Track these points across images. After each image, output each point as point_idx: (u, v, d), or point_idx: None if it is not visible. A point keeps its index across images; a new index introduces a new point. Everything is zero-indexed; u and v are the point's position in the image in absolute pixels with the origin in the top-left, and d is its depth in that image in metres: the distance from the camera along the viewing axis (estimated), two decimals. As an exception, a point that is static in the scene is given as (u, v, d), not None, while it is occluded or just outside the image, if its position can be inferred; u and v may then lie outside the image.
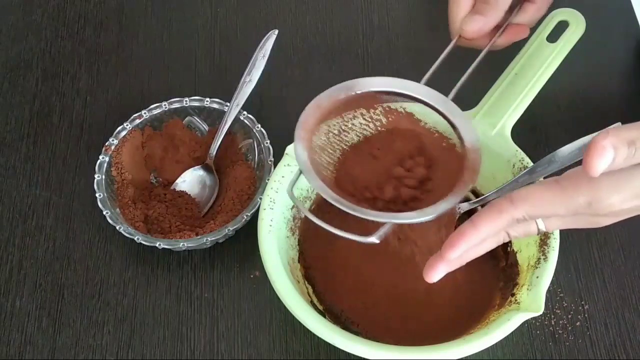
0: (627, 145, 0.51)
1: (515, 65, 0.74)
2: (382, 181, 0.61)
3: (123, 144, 0.78)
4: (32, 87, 0.88)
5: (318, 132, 0.63)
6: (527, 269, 0.67)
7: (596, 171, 0.51)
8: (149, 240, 0.72)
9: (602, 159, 0.51)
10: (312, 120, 0.62)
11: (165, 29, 0.92)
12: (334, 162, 0.63)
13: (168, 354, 0.71)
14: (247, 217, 0.73)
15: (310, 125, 0.62)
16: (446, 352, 0.61)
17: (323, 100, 0.63)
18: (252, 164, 0.79)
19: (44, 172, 0.82)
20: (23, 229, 0.78)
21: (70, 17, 0.93)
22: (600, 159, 0.51)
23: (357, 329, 0.69)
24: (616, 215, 0.57)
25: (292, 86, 0.87)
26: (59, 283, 0.75)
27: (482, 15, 0.66)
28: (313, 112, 0.62)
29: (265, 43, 0.81)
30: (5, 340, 0.72)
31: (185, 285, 0.74)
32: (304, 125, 0.62)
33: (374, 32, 0.91)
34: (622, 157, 0.51)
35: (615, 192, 0.54)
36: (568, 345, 0.70)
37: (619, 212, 0.56)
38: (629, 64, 0.88)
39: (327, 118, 0.63)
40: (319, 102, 0.63)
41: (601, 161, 0.51)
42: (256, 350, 0.71)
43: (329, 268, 0.72)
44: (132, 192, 0.77)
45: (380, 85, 0.64)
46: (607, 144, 0.51)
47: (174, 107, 0.80)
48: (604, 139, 0.51)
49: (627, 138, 0.51)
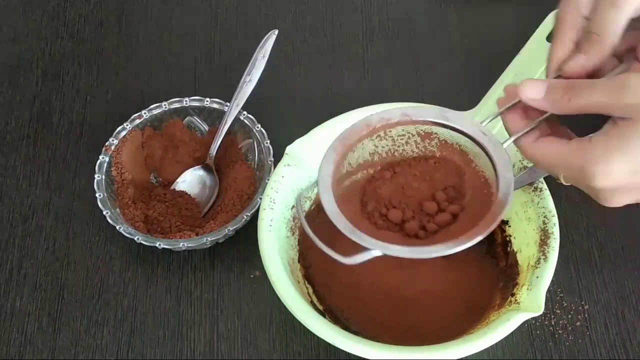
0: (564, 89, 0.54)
1: (515, 65, 0.74)
2: (408, 211, 0.62)
3: (123, 144, 0.78)
4: (32, 87, 0.88)
5: (357, 149, 0.63)
6: (527, 269, 0.67)
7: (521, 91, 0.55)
8: (149, 240, 0.72)
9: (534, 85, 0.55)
10: (355, 137, 0.62)
11: (165, 29, 0.92)
12: (365, 176, 0.63)
13: (168, 354, 0.71)
14: (247, 217, 0.73)
15: (350, 141, 0.62)
16: (446, 352, 0.61)
17: (373, 121, 0.62)
18: (252, 164, 0.79)
19: (44, 172, 0.82)
20: (23, 229, 0.78)
21: (70, 17, 0.93)
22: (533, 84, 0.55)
23: (357, 329, 0.69)
24: (613, 192, 0.54)
25: (292, 86, 0.87)
26: (59, 283, 0.75)
27: (585, 54, 0.58)
28: (359, 130, 0.62)
29: (265, 43, 0.81)
30: (5, 340, 0.72)
31: (185, 285, 0.74)
32: (344, 140, 0.61)
33: (374, 32, 0.91)
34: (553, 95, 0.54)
35: (606, 157, 0.52)
36: (568, 345, 0.70)
37: (615, 189, 0.53)
38: (629, 64, 0.88)
39: (368, 136, 0.63)
40: (368, 122, 0.62)
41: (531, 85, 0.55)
42: (256, 350, 0.71)
43: (329, 268, 0.72)
44: (132, 192, 0.77)
45: (437, 117, 0.62)
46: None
47: (174, 107, 0.80)
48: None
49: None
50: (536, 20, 0.75)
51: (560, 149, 0.55)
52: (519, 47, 0.75)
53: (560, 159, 0.55)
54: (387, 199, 0.63)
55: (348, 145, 0.62)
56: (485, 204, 0.59)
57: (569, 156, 0.54)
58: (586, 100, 0.54)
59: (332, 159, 0.61)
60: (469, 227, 0.58)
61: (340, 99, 0.84)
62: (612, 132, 0.53)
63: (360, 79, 0.88)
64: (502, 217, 0.57)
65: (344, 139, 0.62)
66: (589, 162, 0.53)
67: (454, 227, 0.60)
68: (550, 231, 0.67)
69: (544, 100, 0.55)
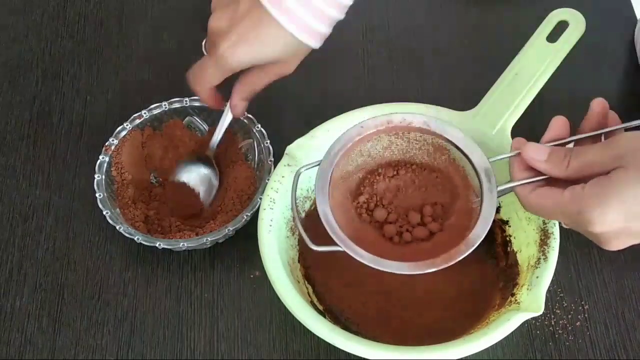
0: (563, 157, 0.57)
1: (515, 65, 0.74)
2: (393, 215, 0.66)
3: (123, 144, 0.78)
4: (32, 87, 0.88)
5: (372, 140, 0.67)
6: (527, 269, 0.67)
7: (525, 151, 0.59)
8: (149, 240, 0.72)
9: (536, 150, 0.59)
10: (373, 129, 0.66)
11: (165, 29, 0.92)
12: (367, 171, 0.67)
13: (168, 354, 0.71)
14: (247, 217, 0.73)
15: (367, 132, 0.66)
16: (446, 352, 0.61)
17: (369, 126, 0.66)
18: (252, 164, 0.79)
19: (44, 172, 0.82)
20: (23, 229, 0.78)
21: (70, 17, 0.93)
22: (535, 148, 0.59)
23: (357, 329, 0.69)
24: (610, 236, 0.56)
25: (292, 86, 0.87)
26: (59, 283, 0.75)
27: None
28: (356, 133, 0.66)
29: None
30: (5, 340, 0.72)
31: (185, 285, 0.74)
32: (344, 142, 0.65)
33: (374, 32, 0.91)
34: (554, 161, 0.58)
35: (601, 204, 0.54)
36: (568, 345, 0.70)
37: (612, 233, 0.55)
38: (629, 64, 0.88)
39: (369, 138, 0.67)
40: (364, 124, 0.66)
41: (533, 149, 0.59)
42: (256, 350, 0.71)
43: (329, 268, 0.72)
44: (132, 192, 0.77)
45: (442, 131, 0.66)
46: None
47: (174, 107, 0.80)
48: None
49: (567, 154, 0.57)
50: (536, 20, 0.75)
51: (556, 198, 0.57)
52: (519, 47, 0.75)
53: (557, 207, 0.57)
54: (380, 195, 0.65)
55: (365, 135, 0.66)
56: (462, 232, 0.62)
57: (566, 204, 0.56)
58: (582, 159, 0.57)
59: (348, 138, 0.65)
60: (439, 250, 0.62)
61: (340, 99, 0.84)
62: (605, 180, 0.55)
63: (360, 79, 0.88)
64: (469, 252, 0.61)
65: (344, 140, 0.66)
66: (585, 208, 0.55)
67: (425, 244, 0.64)
68: (550, 231, 0.67)
69: (546, 163, 0.59)
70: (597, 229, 0.55)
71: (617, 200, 0.54)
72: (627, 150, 0.54)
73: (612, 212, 0.54)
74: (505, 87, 0.73)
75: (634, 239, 0.56)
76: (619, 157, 0.55)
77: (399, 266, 0.61)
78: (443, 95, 0.79)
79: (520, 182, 0.60)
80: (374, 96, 0.80)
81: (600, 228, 0.55)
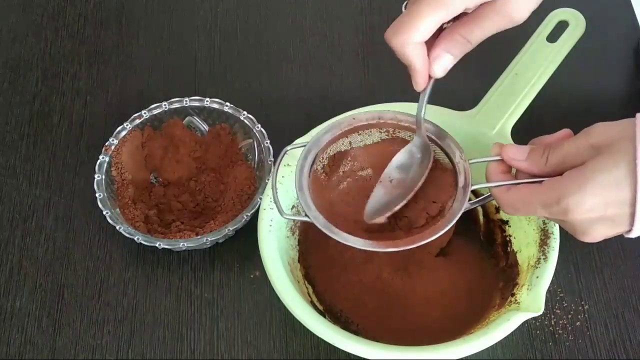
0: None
1: (515, 65, 0.74)
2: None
3: (123, 144, 0.78)
4: (32, 87, 0.88)
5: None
6: (527, 269, 0.67)
7: (506, 154, 0.59)
8: (149, 240, 0.72)
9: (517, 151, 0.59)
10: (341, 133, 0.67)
11: (165, 29, 0.92)
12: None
13: (168, 354, 0.71)
14: (247, 217, 0.73)
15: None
16: (446, 352, 0.61)
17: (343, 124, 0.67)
18: (252, 164, 0.79)
19: (44, 172, 0.82)
20: (23, 229, 0.78)
21: (70, 17, 0.93)
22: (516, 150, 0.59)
23: (357, 329, 0.69)
24: (588, 225, 0.56)
25: (292, 86, 0.87)
26: (59, 283, 0.75)
27: (454, 55, 0.60)
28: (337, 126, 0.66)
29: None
30: (5, 340, 0.72)
31: (185, 285, 0.74)
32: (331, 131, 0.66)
33: (374, 32, 0.91)
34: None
35: (579, 189, 0.54)
36: (568, 345, 0.70)
37: (590, 222, 0.55)
38: (629, 64, 0.88)
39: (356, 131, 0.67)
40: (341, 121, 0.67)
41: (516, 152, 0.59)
42: (256, 350, 0.71)
43: (329, 268, 0.72)
44: (132, 192, 0.77)
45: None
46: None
47: (174, 107, 0.80)
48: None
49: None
50: (536, 20, 0.75)
51: (534, 188, 0.57)
52: (519, 47, 0.75)
53: (535, 196, 0.57)
54: (361, 164, 0.67)
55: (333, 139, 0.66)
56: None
57: (544, 192, 0.56)
58: (559, 152, 0.57)
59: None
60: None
61: (340, 99, 0.84)
62: (581, 168, 0.55)
63: (360, 79, 0.88)
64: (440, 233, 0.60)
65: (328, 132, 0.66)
66: (563, 194, 0.55)
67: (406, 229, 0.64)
68: (550, 231, 0.67)
69: (526, 162, 0.59)
70: (576, 216, 0.55)
71: (593, 186, 0.54)
72: (602, 139, 0.55)
73: (590, 198, 0.54)
74: (505, 87, 0.73)
75: (610, 228, 0.56)
76: (594, 147, 0.55)
77: (388, 243, 0.61)
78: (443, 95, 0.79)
79: (496, 184, 0.60)
80: (373, 96, 0.80)
81: (579, 215, 0.55)
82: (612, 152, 0.54)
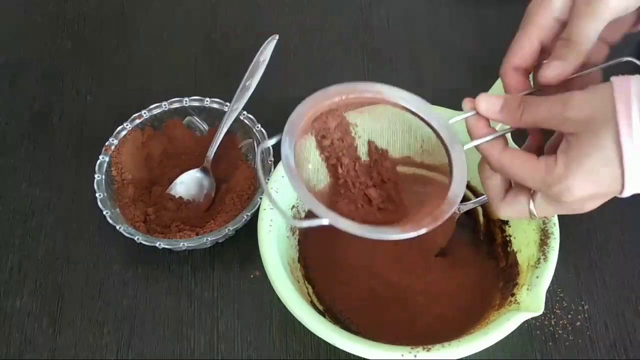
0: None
1: (515, 65, 0.74)
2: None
3: (123, 144, 0.78)
4: (32, 87, 0.88)
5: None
6: (527, 269, 0.67)
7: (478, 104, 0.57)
8: (149, 240, 0.72)
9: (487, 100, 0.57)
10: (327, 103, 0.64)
11: (165, 29, 0.92)
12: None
13: (168, 354, 0.71)
14: (247, 217, 0.73)
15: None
16: (446, 352, 0.61)
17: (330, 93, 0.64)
18: (252, 164, 0.79)
19: (44, 172, 0.82)
20: (23, 229, 0.78)
21: (70, 17, 0.93)
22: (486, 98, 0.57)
23: (357, 329, 0.69)
24: (580, 204, 0.56)
25: (292, 86, 0.87)
26: (59, 283, 0.75)
27: (563, 60, 0.59)
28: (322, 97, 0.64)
29: (265, 48, 0.81)
30: (5, 340, 0.72)
31: (185, 285, 0.74)
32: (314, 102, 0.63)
33: (374, 32, 0.91)
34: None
35: (568, 178, 0.54)
36: (568, 345, 0.70)
37: (583, 200, 0.55)
38: (630, 63, 0.88)
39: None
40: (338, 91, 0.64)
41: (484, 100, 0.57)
42: (256, 350, 0.71)
43: (329, 268, 0.72)
44: (132, 192, 0.77)
45: (407, 103, 0.62)
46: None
47: (174, 107, 0.80)
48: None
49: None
50: (536, 20, 0.75)
51: (530, 161, 0.56)
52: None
53: (530, 172, 0.56)
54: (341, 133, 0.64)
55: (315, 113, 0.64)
56: (437, 197, 0.59)
57: (541, 172, 0.55)
58: (534, 116, 0.56)
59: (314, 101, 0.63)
60: (417, 218, 0.58)
61: (340, 99, 0.84)
62: (568, 152, 0.54)
63: (360, 79, 0.87)
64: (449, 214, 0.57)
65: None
66: (557, 180, 0.54)
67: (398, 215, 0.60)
68: (550, 231, 0.67)
69: (500, 113, 0.58)
70: (569, 198, 0.55)
71: (583, 172, 0.53)
72: (581, 116, 0.53)
73: (581, 183, 0.54)
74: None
75: (603, 199, 0.56)
76: (571, 120, 0.54)
77: (385, 230, 0.58)
78: (443, 95, 0.79)
79: (484, 140, 0.58)
80: (374, 96, 0.80)
81: (572, 197, 0.55)
82: (596, 133, 0.52)
